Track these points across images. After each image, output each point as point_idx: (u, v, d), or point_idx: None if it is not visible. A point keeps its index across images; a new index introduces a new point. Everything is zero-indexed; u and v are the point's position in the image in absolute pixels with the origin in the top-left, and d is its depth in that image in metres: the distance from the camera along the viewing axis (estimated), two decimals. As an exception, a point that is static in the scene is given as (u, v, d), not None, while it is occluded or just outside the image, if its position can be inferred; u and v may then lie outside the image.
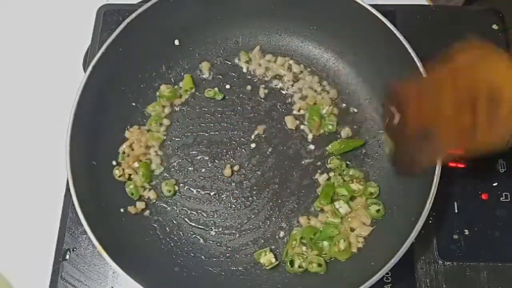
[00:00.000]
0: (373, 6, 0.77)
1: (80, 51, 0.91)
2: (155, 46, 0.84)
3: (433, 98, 0.60)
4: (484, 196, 0.77)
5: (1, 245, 0.81)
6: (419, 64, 0.73)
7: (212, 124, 0.84)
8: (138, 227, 0.77)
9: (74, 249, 0.77)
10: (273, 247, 0.76)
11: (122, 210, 0.77)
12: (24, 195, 0.84)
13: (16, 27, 0.98)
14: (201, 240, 0.77)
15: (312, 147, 0.82)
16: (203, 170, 0.82)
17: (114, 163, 0.80)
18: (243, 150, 0.82)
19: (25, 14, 0.99)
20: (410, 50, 0.74)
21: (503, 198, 0.77)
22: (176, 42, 0.86)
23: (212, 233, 0.78)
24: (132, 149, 0.81)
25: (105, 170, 0.78)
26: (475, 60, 0.58)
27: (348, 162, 0.80)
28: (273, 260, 0.75)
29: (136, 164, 0.80)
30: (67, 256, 0.76)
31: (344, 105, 0.84)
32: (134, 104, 0.84)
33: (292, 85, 0.86)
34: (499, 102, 0.55)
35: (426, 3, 0.95)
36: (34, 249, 0.79)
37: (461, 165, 0.79)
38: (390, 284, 0.73)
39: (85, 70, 0.85)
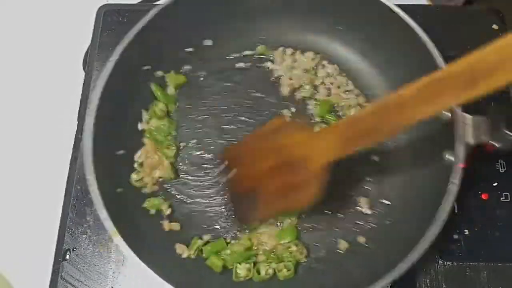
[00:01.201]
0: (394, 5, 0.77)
1: (80, 51, 0.91)
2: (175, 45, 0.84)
3: (251, 164, 0.72)
4: (484, 196, 0.77)
5: (1, 245, 0.81)
6: (441, 65, 0.72)
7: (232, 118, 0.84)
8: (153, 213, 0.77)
9: (74, 249, 0.77)
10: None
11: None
12: (24, 195, 0.84)
13: (16, 27, 0.98)
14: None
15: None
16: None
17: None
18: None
19: (25, 14, 0.99)
20: (433, 51, 0.73)
21: (503, 198, 0.77)
22: (209, 42, 0.86)
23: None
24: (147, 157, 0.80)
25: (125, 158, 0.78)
26: (283, 134, 0.70)
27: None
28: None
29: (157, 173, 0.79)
30: (67, 256, 0.76)
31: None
32: None
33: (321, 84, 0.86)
34: (303, 170, 0.66)
35: (426, 3, 0.95)
36: (34, 249, 0.79)
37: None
38: (390, 284, 0.73)
39: (85, 70, 0.86)
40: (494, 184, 0.78)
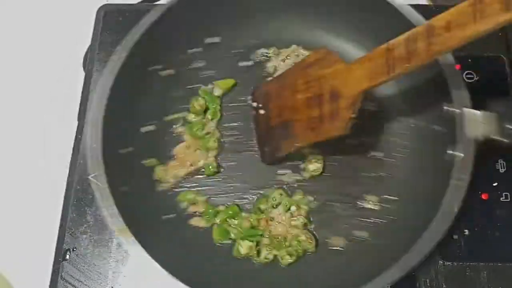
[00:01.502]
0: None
1: (80, 51, 0.91)
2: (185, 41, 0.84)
3: (288, 95, 0.75)
4: (484, 196, 0.77)
5: (1, 245, 0.81)
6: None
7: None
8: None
9: (74, 249, 0.77)
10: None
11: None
12: (24, 194, 0.84)
13: (16, 27, 0.98)
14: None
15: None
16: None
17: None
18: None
19: (25, 14, 1.00)
20: None
21: (503, 198, 0.77)
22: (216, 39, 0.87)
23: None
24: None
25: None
26: (320, 65, 0.72)
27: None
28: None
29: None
30: (67, 256, 0.76)
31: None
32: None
33: None
34: (338, 99, 0.69)
35: (426, 3, 0.95)
36: (34, 249, 0.79)
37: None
38: (390, 284, 0.73)
39: (85, 70, 0.86)
40: (494, 184, 0.78)
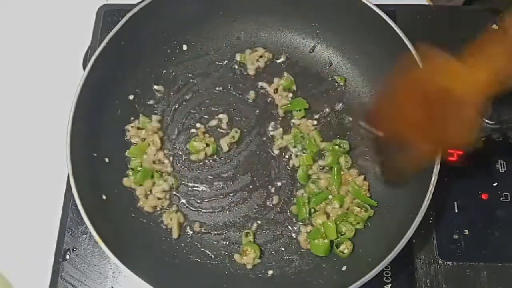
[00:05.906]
0: (374, 5, 0.77)
1: (80, 51, 0.91)
2: (156, 41, 0.85)
3: (399, 110, 0.65)
4: (484, 196, 0.77)
5: (1, 245, 0.81)
6: (420, 63, 0.72)
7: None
8: (138, 220, 0.78)
9: (74, 249, 0.77)
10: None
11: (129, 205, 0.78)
12: (24, 195, 0.84)
13: (16, 27, 0.98)
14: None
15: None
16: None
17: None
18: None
19: (25, 14, 0.99)
20: (410, 47, 0.73)
21: (503, 198, 0.77)
22: (184, 46, 0.87)
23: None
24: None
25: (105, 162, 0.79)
26: (427, 69, 0.64)
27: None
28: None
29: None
30: (67, 256, 0.76)
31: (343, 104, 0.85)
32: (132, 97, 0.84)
33: None
34: (457, 104, 0.59)
35: (426, 3, 0.95)
36: (34, 249, 0.79)
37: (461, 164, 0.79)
38: (390, 284, 0.73)
39: (85, 70, 0.86)
40: (494, 184, 0.78)
